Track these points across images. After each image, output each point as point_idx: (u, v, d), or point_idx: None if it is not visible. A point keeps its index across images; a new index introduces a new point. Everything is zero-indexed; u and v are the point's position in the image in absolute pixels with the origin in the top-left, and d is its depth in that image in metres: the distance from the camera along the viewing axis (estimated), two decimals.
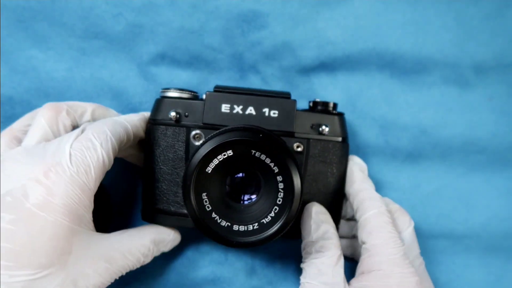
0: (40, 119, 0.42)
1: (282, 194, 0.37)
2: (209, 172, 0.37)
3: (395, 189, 0.52)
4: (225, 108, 0.43)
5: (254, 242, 0.37)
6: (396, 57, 0.51)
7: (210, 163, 0.37)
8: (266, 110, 0.43)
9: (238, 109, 0.43)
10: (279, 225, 0.37)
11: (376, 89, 0.52)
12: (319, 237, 0.41)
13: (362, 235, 0.42)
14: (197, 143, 0.43)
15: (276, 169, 0.37)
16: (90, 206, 0.39)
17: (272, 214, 0.37)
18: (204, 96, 0.44)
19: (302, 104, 0.50)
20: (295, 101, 0.43)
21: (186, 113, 0.44)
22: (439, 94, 0.51)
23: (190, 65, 0.51)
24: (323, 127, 0.44)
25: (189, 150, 0.44)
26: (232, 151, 0.36)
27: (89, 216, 0.39)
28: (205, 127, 0.43)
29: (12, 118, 0.49)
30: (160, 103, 0.45)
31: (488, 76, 0.52)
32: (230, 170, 0.39)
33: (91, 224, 0.39)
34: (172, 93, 0.45)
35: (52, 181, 0.36)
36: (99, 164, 0.39)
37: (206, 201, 0.37)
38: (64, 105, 0.43)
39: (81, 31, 0.50)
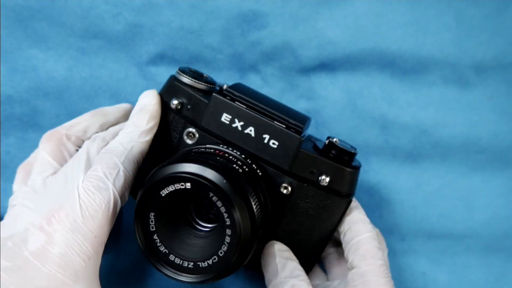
0: (43, 154, 0.39)
1: (225, 247, 0.33)
2: (163, 195, 0.33)
3: (395, 189, 0.52)
4: (225, 118, 0.39)
5: (183, 281, 0.34)
6: (396, 56, 0.51)
7: (165, 188, 0.33)
8: (266, 136, 0.38)
9: (238, 124, 0.39)
10: (211, 276, 0.33)
11: (376, 89, 0.52)
12: (288, 276, 0.38)
13: (354, 258, 0.38)
14: (190, 142, 0.40)
15: (228, 221, 0.33)
16: (96, 256, 0.35)
17: (210, 261, 0.33)
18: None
19: (301, 104, 0.50)
20: (301, 139, 0.38)
21: (189, 106, 0.40)
22: (439, 94, 0.51)
23: (189, 65, 0.51)
24: (323, 176, 0.38)
25: (180, 146, 0.40)
26: (190, 185, 0.33)
27: (92, 268, 0.35)
28: (201, 129, 0.40)
29: (11, 117, 0.49)
30: (170, 84, 0.41)
31: (488, 76, 0.52)
32: (185, 200, 0.35)
33: (93, 277, 0.35)
34: (185, 79, 0.41)
35: (53, 228, 0.33)
36: (109, 207, 0.35)
37: (152, 221, 0.34)
38: (61, 130, 0.41)
39: (80, 30, 0.50)
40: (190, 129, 0.40)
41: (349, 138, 0.50)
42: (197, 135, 0.40)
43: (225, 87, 0.40)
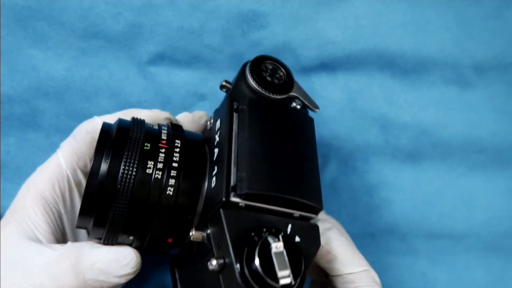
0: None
1: None
2: None
3: (395, 189, 0.52)
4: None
5: None
6: (396, 56, 0.51)
7: None
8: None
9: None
10: None
11: (376, 89, 0.52)
12: None
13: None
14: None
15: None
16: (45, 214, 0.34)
17: None
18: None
19: None
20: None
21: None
22: (439, 94, 0.52)
23: (189, 65, 0.51)
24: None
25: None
26: None
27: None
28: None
29: (11, 117, 0.49)
30: None
31: (488, 76, 0.52)
32: None
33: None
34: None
35: None
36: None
37: None
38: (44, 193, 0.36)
39: (80, 30, 0.50)
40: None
41: (349, 138, 0.50)
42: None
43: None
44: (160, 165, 0.32)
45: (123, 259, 0.32)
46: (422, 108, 0.51)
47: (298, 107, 0.37)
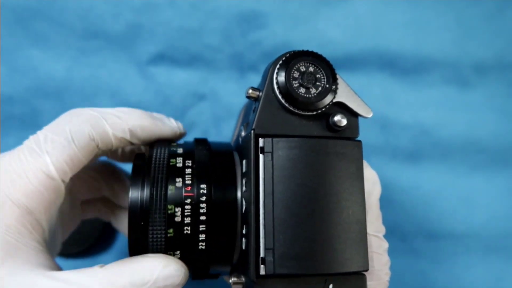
0: None
1: None
2: None
3: (395, 189, 0.52)
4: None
5: None
6: (396, 56, 0.51)
7: None
8: None
9: None
10: None
11: (376, 89, 0.52)
12: None
13: None
14: None
15: None
16: (28, 232, 0.29)
17: None
18: None
19: None
20: None
21: None
22: (439, 94, 0.51)
23: (189, 65, 0.51)
24: None
25: None
26: None
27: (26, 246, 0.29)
28: None
29: (11, 117, 0.49)
30: None
31: (488, 76, 0.52)
32: None
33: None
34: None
35: None
36: (38, 176, 0.29)
37: None
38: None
39: (80, 30, 0.50)
40: None
41: None
42: None
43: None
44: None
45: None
46: (422, 108, 0.51)
47: (344, 121, 0.29)
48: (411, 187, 0.52)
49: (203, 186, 0.30)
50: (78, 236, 0.47)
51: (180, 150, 0.32)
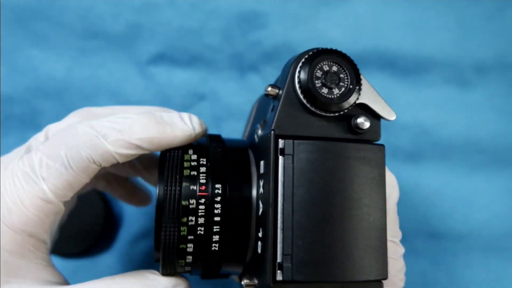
0: None
1: None
2: None
3: None
4: None
5: None
6: (396, 56, 0.51)
7: None
8: None
9: None
10: None
11: (376, 89, 0.51)
12: None
13: None
14: None
15: None
16: (22, 254, 0.28)
17: None
18: None
19: None
20: None
21: None
22: (439, 94, 0.51)
23: (189, 65, 0.51)
24: None
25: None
26: None
27: (26, 266, 0.29)
28: None
29: (12, 117, 0.49)
30: None
31: (488, 76, 0.52)
32: None
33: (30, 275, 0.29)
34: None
35: None
36: (35, 203, 0.28)
37: None
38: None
39: (80, 30, 0.50)
40: None
41: None
42: None
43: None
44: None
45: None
46: (422, 108, 0.51)
47: (367, 124, 0.28)
48: (411, 187, 0.52)
49: (218, 186, 0.29)
50: (78, 236, 0.47)
51: (192, 149, 0.31)
